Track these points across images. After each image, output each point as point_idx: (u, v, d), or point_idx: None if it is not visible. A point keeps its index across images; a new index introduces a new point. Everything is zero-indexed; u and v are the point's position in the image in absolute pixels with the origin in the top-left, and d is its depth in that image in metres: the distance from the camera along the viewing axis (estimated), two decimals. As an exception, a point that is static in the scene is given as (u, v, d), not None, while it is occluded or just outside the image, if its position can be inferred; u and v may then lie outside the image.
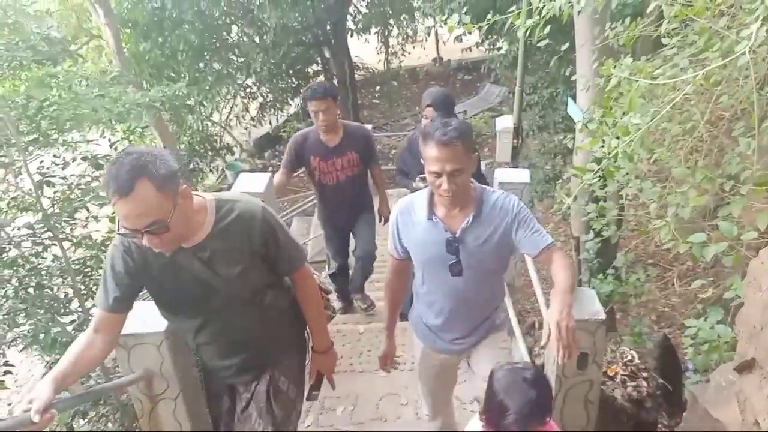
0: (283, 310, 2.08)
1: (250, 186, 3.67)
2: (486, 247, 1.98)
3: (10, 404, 6.07)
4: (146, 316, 2.03)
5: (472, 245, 1.98)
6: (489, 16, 3.16)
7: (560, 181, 6.14)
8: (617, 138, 2.65)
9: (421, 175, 3.25)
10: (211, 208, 1.81)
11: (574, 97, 4.62)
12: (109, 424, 4.49)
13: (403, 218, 2.10)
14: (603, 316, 2.04)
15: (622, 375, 2.78)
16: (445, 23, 3.71)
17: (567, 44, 3.95)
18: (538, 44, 3.41)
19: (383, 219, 4.03)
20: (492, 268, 2.09)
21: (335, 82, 12.34)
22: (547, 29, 3.02)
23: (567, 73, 4.32)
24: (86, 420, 4.38)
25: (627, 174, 2.88)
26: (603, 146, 2.73)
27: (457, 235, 1.98)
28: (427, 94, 3.45)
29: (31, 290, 3.70)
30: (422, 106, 3.41)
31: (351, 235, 4.11)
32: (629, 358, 2.86)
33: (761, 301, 1.69)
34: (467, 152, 1.87)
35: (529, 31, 3.20)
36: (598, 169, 2.84)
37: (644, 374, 2.86)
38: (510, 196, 2.03)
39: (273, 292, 2.00)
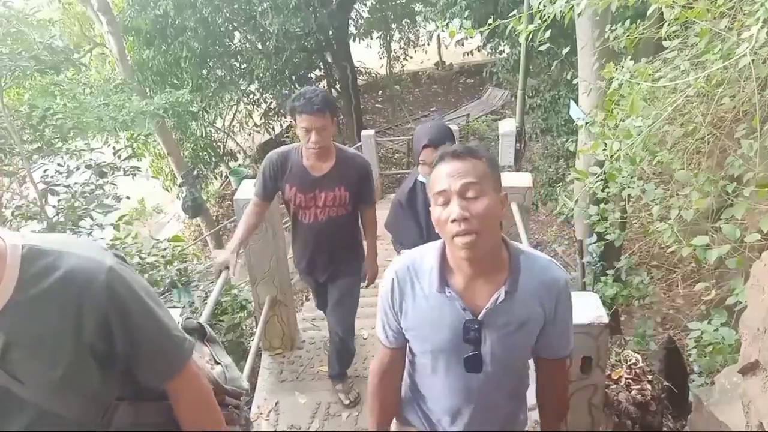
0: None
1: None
2: (518, 337, 1.44)
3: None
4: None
5: (501, 332, 1.42)
6: (490, 21, 3.18)
7: (562, 184, 6.13)
8: (619, 141, 2.66)
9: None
10: (14, 259, 1.01)
11: (576, 100, 4.62)
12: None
13: (403, 286, 1.48)
14: (606, 320, 2.04)
15: (626, 378, 2.78)
16: (446, 28, 3.71)
17: (568, 47, 3.96)
18: (540, 48, 3.42)
19: (366, 280, 3.10)
20: (521, 362, 1.58)
21: (338, 87, 12.38)
22: (548, 33, 3.03)
23: (569, 77, 4.32)
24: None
25: (629, 176, 2.88)
26: (605, 149, 2.74)
27: (480, 317, 1.41)
28: (421, 134, 2.61)
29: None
30: (416, 150, 2.59)
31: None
32: (633, 361, 2.85)
33: (764, 303, 1.68)
34: (491, 174, 1.37)
35: (530, 35, 3.21)
36: (601, 172, 2.85)
37: (649, 377, 2.85)
38: (556, 266, 1.48)
39: (131, 409, 1.19)
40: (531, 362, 1.62)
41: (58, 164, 4.24)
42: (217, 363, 1.49)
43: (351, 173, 2.76)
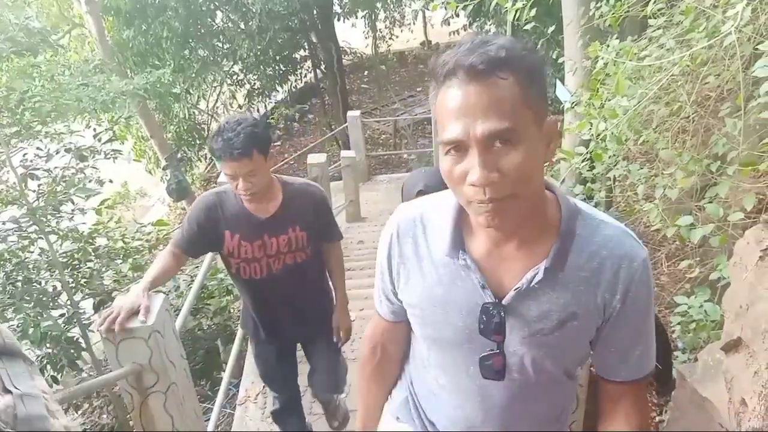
0: None
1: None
2: (561, 337, 1.00)
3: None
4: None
5: (534, 327, 1.00)
6: (475, -2, 3.15)
7: (548, 163, 6.14)
8: (605, 120, 2.65)
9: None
10: None
11: (562, 80, 4.61)
12: (104, 416, 4.50)
13: (404, 245, 1.10)
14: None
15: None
16: (428, 6, 3.67)
17: (554, 26, 3.93)
18: (525, 27, 3.40)
19: (342, 337, 2.51)
20: (566, 373, 1.12)
21: (323, 67, 12.25)
22: (534, 11, 3.00)
23: (554, 56, 4.29)
24: (80, 412, 4.39)
25: (614, 156, 2.88)
26: (590, 129, 2.73)
27: (505, 301, 1.00)
28: (417, 179, 2.26)
29: (18, 284, 3.68)
30: (407, 197, 2.17)
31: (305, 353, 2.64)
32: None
33: (747, 281, 1.70)
34: (532, 99, 0.85)
35: (516, 13, 3.18)
36: (587, 152, 2.85)
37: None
38: (631, 238, 0.99)
39: None
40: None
41: (38, 148, 4.16)
42: (6, 391, 0.88)
43: (305, 209, 2.23)
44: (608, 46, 2.83)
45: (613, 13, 2.97)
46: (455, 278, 1.03)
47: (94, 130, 5.09)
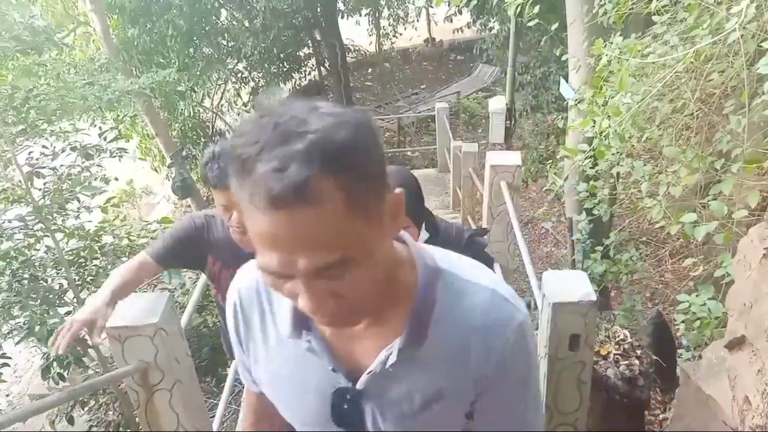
0: None
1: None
2: (428, 420, 0.87)
3: (8, 395, 6.11)
4: (139, 308, 2.03)
5: (395, 411, 0.87)
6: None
7: (552, 161, 6.14)
8: (608, 118, 2.65)
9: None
10: None
11: (566, 77, 4.60)
12: (110, 413, 4.53)
13: (249, 315, 0.94)
14: (594, 298, 2.05)
15: (614, 354, 2.81)
16: (432, 3, 3.66)
17: (557, 23, 3.92)
18: (529, 23, 3.39)
19: None
20: None
21: (327, 65, 12.26)
22: (537, 8, 3.00)
23: (558, 53, 4.29)
24: (86, 409, 4.42)
25: (618, 153, 2.88)
26: (594, 126, 2.73)
27: (359, 386, 0.86)
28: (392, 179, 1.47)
29: (25, 282, 3.70)
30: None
31: None
32: (622, 337, 2.89)
33: (751, 279, 1.70)
34: (361, 208, 0.66)
35: (519, 10, 3.18)
36: (590, 149, 2.85)
37: (638, 352, 2.89)
38: (503, 300, 0.85)
39: None
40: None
41: (43, 146, 4.18)
42: None
43: None
44: (612, 43, 2.82)
45: (616, 10, 2.96)
46: (305, 359, 0.88)
47: (100, 128, 5.11)
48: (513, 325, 0.83)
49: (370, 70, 15.94)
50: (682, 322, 2.79)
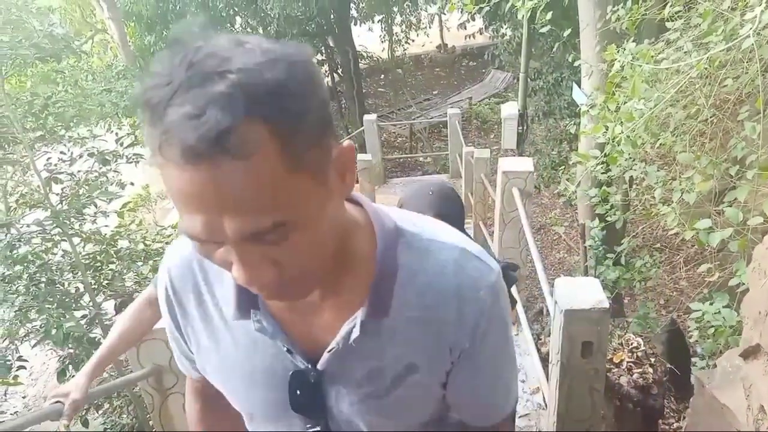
0: None
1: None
2: (399, 397, 0.78)
3: (24, 397, 6.18)
4: (154, 311, 2.06)
5: (362, 391, 0.77)
6: None
7: (565, 166, 6.12)
8: (621, 123, 2.64)
9: None
10: None
11: (578, 83, 4.59)
12: (124, 416, 4.56)
13: (183, 300, 0.82)
14: (606, 305, 2.04)
15: (628, 362, 2.79)
16: (447, 4, 3.69)
17: (570, 29, 3.92)
18: (541, 30, 3.40)
19: None
20: (413, 429, 0.85)
21: (339, 71, 12.32)
22: (549, 14, 3.01)
23: (571, 59, 4.28)
24: (101, 412, 4.46)
25: (630, 158, 2.87)
26: (606, 132, 2.72)
27: (320, 366, 0.76)
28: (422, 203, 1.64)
29: (42, 286, 3.75)
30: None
31: None
32: (635, 345, 2.87)
33: (766, 287, 1.68)
34: (300, 161, 0.55)
35: (531, 15, 3.19)
36: (602, 155, 2.84)
37: (651, 360, 2.87)
38: (473, 259, 0.76)
39: None
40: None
41: (61, 152, 4.24)
42: None
43: None
44: (624, 49, 2.82)
45: (629, 16, 2.96)
46: (255, 342, 0.77)
47: (116, 134, 5.18)
48: (485, 284, 0.74)
49: (382, 76, 15.99)
50: (696, 329, 2.77)
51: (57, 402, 1.54)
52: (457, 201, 1.71)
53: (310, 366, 0.76)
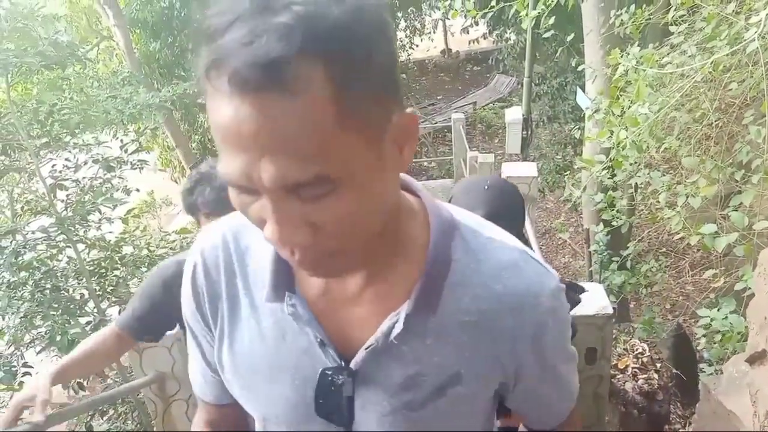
0: None
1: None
2: (440, 410, 0.68)
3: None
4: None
5: (400, 399, 0.68)
6: (493, 3, 3.17)
7: (570, 171, 6.10)
8: (625, 128, 2.63)
9: None
10: None
11: (582, 87, 4.58)
12: (128, 422, 4.57)
13: (215, 280, 0.74)
14: (610, 311, 2.03)
15: (633, 368, 2.77)
16: (450, 9, 3.70)
17: (573, 34, 3.92)
18: (545, 34, 3.40)
19: None
20: None
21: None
22: (553, 19, 3.01)
23: (575, 63, 4.28)
24: (105, 418, 4.47)
25: (635, 163, 2.86)
26: (611, 137, 2.72)
27: (353, 365, 0.67)
28: (475, 200, 1.48)
29: (47, 292, 3.76)
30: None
31: None
32: (640, 350, 2.85)
33: (772, 292, 1.67)
34: (352, 114, 0.50)
35: (535, 20, 3.19)
36: (607, 160, 2.83)
37: (657, 365, 2.85)
38: (534, 264, 0.69)
39: None
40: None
41: (66, 159, 4.26)
42: None
43: None
44: (629, 53, 2.82)
45: (633, 21, 2.95)
46: (284, 332, 0.69)
47: (121, 140, 5.20)
48: (546, 291, 0.67)
49: (387, 81, 16.02)
50: (703, 335, 2.75)
51: (27, 406, 1.45)
52: (517, 199, 1.51)
53: (343, 364, 0.68)
